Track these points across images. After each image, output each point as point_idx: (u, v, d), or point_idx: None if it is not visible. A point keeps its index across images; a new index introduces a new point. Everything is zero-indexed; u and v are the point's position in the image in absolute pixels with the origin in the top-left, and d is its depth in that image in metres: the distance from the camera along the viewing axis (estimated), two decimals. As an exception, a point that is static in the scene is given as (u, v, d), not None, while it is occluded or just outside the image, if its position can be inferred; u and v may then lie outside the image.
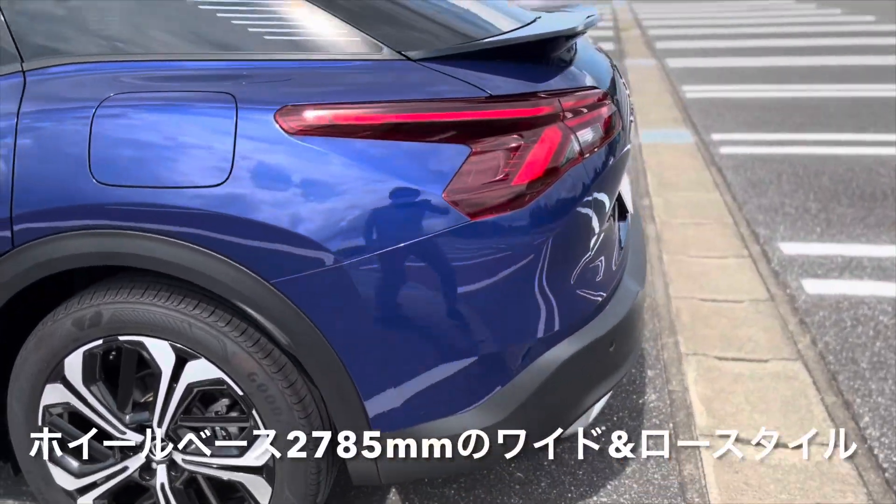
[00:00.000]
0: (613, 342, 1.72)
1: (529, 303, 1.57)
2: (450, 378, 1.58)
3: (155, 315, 1.58)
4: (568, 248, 1.60)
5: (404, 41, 1.58)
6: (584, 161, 1.62)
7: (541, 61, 1.70)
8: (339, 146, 1.48)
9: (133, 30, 1.62)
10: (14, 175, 1.55)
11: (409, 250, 1.48)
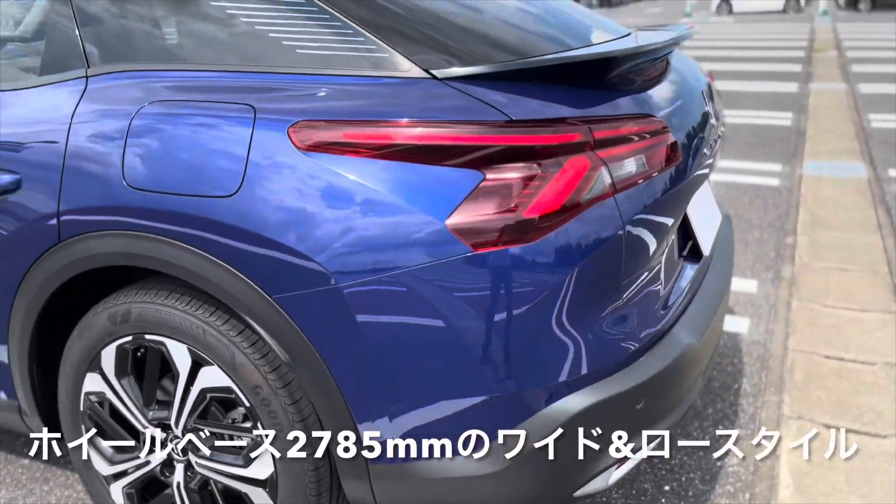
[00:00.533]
0: (643, 399, 1.54)
1: (533, 346, 1.44)
2: (445, 419, 1.49)
3: (175, 318, 1.62)
4: (585, 293, 1.46)
5: (435, 59, 1.51)
6: (616, 196, 1.47)
7: (588, 84, 1.56)
8: (347, 164, 1.44)
9: (178, 42, 1.67)
10: (63, 173, 1.65)
11: (405, 277, 1.41)
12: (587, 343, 1.49)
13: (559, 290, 1.43)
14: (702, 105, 1.93)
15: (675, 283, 1.78)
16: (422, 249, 1.40)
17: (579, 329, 1.48)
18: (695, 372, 1.72)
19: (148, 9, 1.71)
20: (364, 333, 1.46)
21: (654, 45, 1.67)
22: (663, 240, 1.65)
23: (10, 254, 1.75)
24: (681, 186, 1.69)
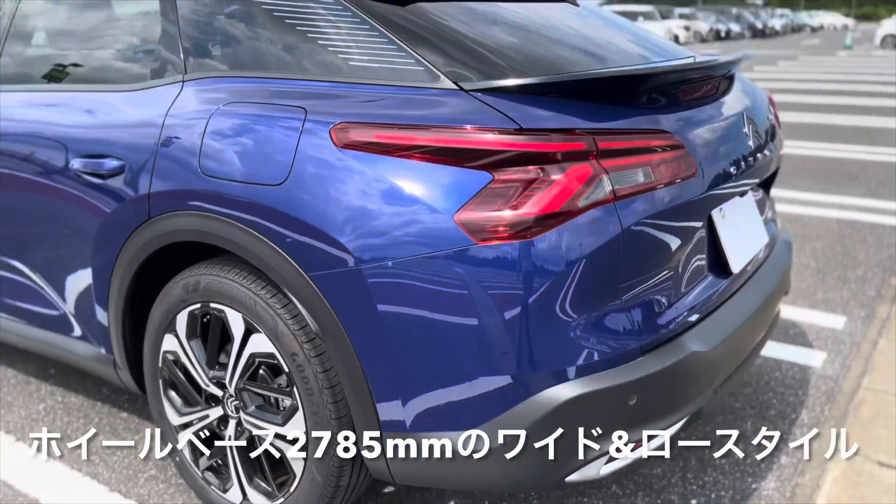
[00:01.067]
0: (634, 395, 1.63)
1: (527, 335, 1.58)
2: (451, 395, 1.65)
3: (233, 289, 1.87)
4: (580, 290, 1.57)
5: (463, 72, 1.69)
6: (617, 203, 1.59)
7: (604, 99, 1.69)
8: (375, 161, 1.64)
9: (254, 54, 1.94)
10: (155, 162, 1.96)
11: (414, 264, 1.59)
12: (581, 337, 1.60)
13: (554, 284, 1.56)
14: (740, 127, 1.99)
15: (691, 293, 1.85)
16: (431, 240, 1.58)
17: (574, 323, 1.59)
18: (701, 380, 1.78)
19: (233, 27, 2.00)
20: (379, 312, 1.65)
21: (671, 67, 1.77)
22: (672, 249, 1.74)
23: (112, 228, 2.08)
24: (697, 201, 1.76)
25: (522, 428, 1.61)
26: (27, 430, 2.61)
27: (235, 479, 2.02)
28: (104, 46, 2.34)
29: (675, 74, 1.86)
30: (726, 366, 1.92)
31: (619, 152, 1.62)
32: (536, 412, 1.60)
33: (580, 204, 1.56)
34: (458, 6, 1.96)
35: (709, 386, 1.82)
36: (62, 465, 2.40)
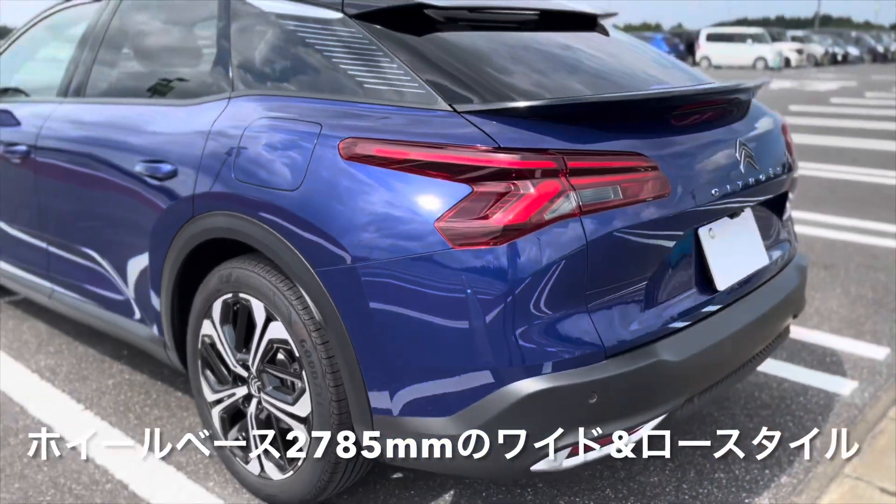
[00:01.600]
0: (594, 394, 1.77)
1: (496, 332, 1.74)
2: (430, 385, 1.83)
3: (257, 281, 2.13)
4: (545, 294, 1.73)
5: (458, 96, 1.89)
6: (583, 217, 1.74)
7: (586, 122, 1.85)
8: (374, 173, 1.86)
9: (287, 76, 2.20)
10: (199, 167, 2.24)
11: (398, 264, 1.80)
12: (547, 337, 1.76)
13: (519, 288, 1.72)
14: (731, 151, 2.10)
15: (669, 305, 1.97)
16: (414, 243, 1.78)
17: (539, 324, 1.75)
18: (667, 387, 1.90)
19: (273, 52, 2.27)
20: (369, 305, 1.86)
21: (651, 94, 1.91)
22: (643, 263, 1.87)
23: (165, 224, 2.38)
24: (671, 219, 1.89)
25: (490, 417, 1.77)
26: (95, 400, 2.95)
27: (255, 453, 2.27)
28: (170, 67, 2.68)
29: (657, 101, 1.99)
30: (702, 377, 2.02)
31: (588, 171, 1.77)
32: (503, 403, 1.76)
33: (547, 216, 1.72)
34: (471, 35, 2.16)
35: (678, 394, 1.93)
36: (119, 433, 2.72)
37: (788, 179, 2.46)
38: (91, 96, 2.90)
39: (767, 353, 2.40)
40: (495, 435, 1.79)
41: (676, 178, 1.92)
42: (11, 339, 3.56)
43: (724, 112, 2.21)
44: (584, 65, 2.24)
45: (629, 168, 1.83)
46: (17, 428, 2.76)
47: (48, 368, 3.24)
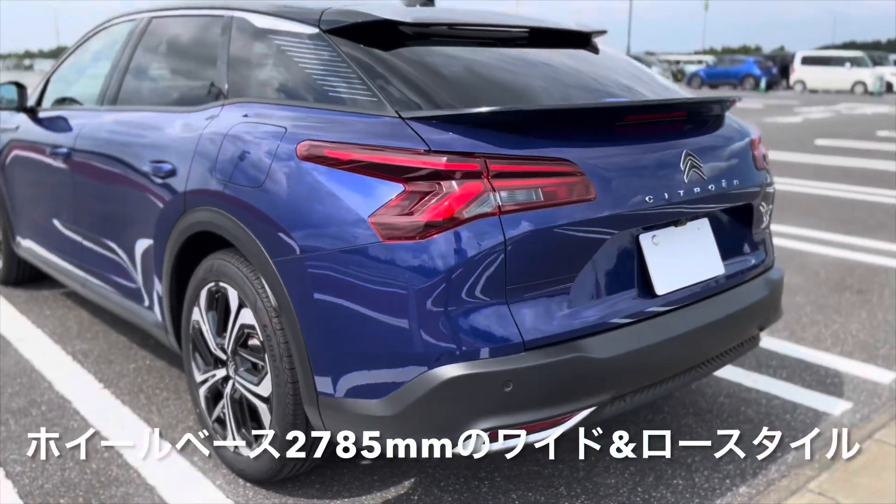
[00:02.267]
0: (510, 383, 1.88)
1: (419, 321, 1.88)
2: (364, 369, 1.99)
3: (232, 271, 2.33)
4: (465, 287, 1.86)
5: (406, 104, 2.06)
6: (502, 216, 1.86)
7: (516, 129, 1.98)
8: (323, 172, 2.04)
9: (265, 86, 2.42)
10: (191, 167, 2.48)
11: (337, 254, 1.96)
12: (467, 327, 1.88)
13: (440, 280, 1.86)
14: (675, 162, 2.17)
15: (603, 305, 2.05)
16: (351, 236, 1.94)
17: (459, 315, 1.88)
18: (588, 382, 1.97)
19: (261, 64, 2.50)
20: (314, 294, 2.03)
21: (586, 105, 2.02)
22: (567, 263, 1.96)
23: (165, 218, 2.63)
24: (598, 222, 1.98)
25: (414, 399, 1.91)
26: (114, 381, 3.23)
27: (230, 429, 2.47)
28: (182, 78, 2.95)
29: (586, 111, 2.10)
30: (633, 377, 2.08)
31: (510, 174, 1.90)
32: (425, 387, 1.89)
33: (467, 214, 1.85)
34: (429, 50, 2.32)
35: (602, 390, 2.01)
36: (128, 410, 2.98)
37: (753, 192, 2.49)
38: (120, 104, 3.21)
39: (725, 360, 2.44)
40: (419, 417, 1.92)
41: (604, 184, 2.01)
42: (56, 325, 3.91)
43: (673, 124, 2.28)
44: (542, 78, 2.36)
45: (552, 172, 1.94)
46: (40, 401, 3.05)
47: (81, 352, 3.56)
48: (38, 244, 3.92)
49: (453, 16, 2.53)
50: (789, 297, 4.44)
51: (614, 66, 2.72)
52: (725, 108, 2.53)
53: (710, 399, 3.13)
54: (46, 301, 4.28)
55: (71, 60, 3.94)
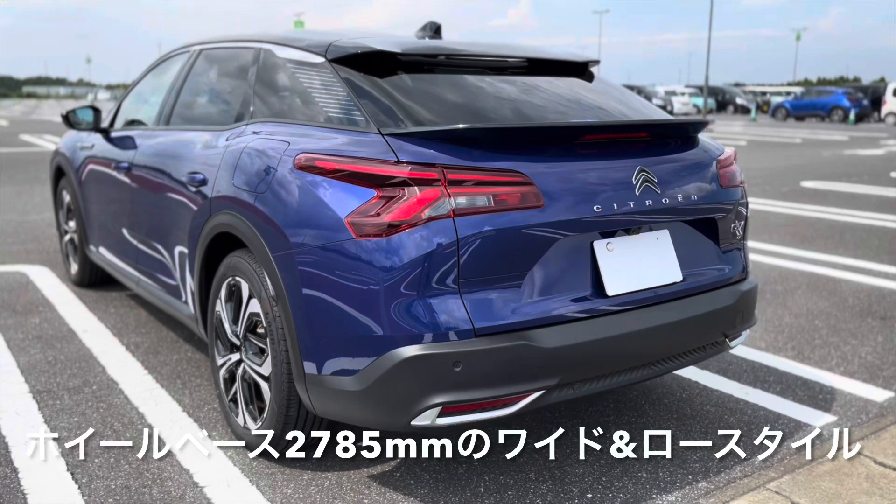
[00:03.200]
0: (459, 363, 2.15)
1: (384, 307, 2.18)
2: (341, 348, 2.29)
3: (245, 266, 2.69)
4: (422, 279, 2.14)
5: (386, 123, 2.38)
6: (455, 219, 2.15)
7: (475, 143, 2.27)
8: (314, 179, 2.38)
9: (277, 107, 2.80)
10: (216, 176, 2.87)
11: (319, 250, 2.29)
12: (424, 314, 2.17)
13: (401, 272, 2.15)
14: (628, 177, 2.41)
15: (553, 301, 2.30)
16: (330, 234, 2.27)
17: (417, 303, 2.17)
18: (533, 368, 2.21)
19: (278, 88, 2.89)
20: (301, 284, 2.36)
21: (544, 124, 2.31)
22: (516, 262, 2.23)
23: (197, 221, 3.03)
24: (545, 226, 2.24)
25: (378, 376, 2.20)
26: (157, 368, 3.65)
27: (241, 406, 2.82)
28: (220, 101, 3.38)
29: (547, 130, 2.37)
30: (579, 367, 2.31)
31: (465, 182, 2.19)
32: (387, 365, 2.19)
33: (425, 216, 2.15)
34: (417, 76, 2.64)
35: (547, 376, 2.24)
36: (164, 392, 3.38)
37: (716, 208, 2.69)
38: (172, 125, 3.67)
39: (685, 361, 2.62)
40: (383, 391, 2.22)
41: (554, 193, 2.27)
42: (117, 320, 4.39)
43: (631, 143, 2.52)
44: (517, 101, 2.65)
45: (503, 182, 2.22)
46: (92, 382, 3.49)
47: (134, 344, 4.00)
48: (105, 249, 4.43)
49: (448, 47, 2.86)
50: (808, 320, 4.53)
51: (599, 92, 2.98)
52: (695, 129, 2.75)
53: (696, 407, 3.29)
54: (112, 301, 4.78)
55: (140, 87, 4.47)
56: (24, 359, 3.76)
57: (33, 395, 3.32)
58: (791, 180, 11.98)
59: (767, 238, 7.13)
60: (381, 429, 2.48)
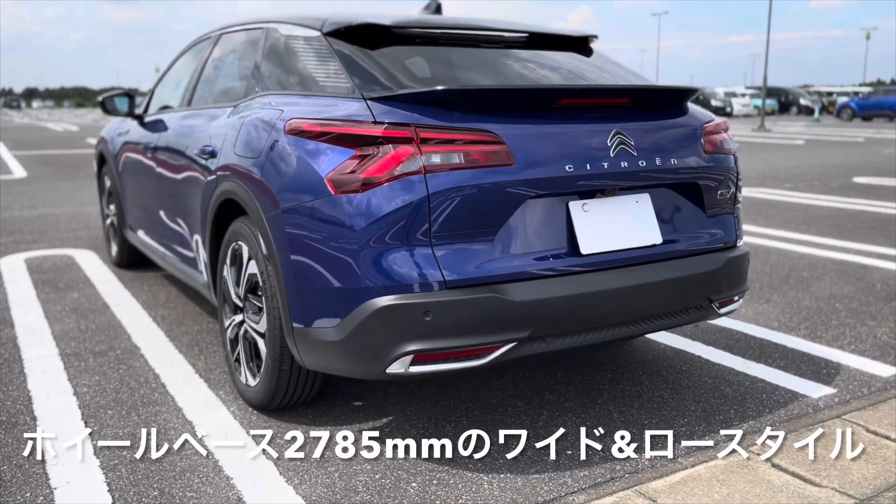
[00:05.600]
0: (429, 313, 2.24)
1: (361, 258, 2.29)
2: (323, 301, 2.42)
3: (244, 230, 2.84)
4: (396, 231, 2.25)
5: (369, 88, 2.50)
6: (426, 175, 2.25)
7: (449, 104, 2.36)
8: (301, 143, 2.51)
9: (278, 80, 2.95)
10: (223, 146, 3.04)
11: (303, 207, 2.42)
12: (398, 265, 2.27)
13: (375, 226, 2.27)
14: (603, 140, 2.47)
15: (526, 257, 2.37)
16: (313, 191, 2.40)
17: (392, 254, 2.28)
18: (502, 319, 2.29)
19: (280, 63, 3.04)
20: (287, 242, 2.49)
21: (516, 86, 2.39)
22: (487, 217, 2.31)
23: (207, 192, 3.20)
24: (515, 184, 2.32)
25: (355, 325, 2.32)
26: (179, 337, 3.84)
27: (243, 365, 2.97)
28: (234, 79, 3.56)
29: (520, 92, 2.45)
30: (550, 321, 2.37)
31: (436, 141, 2.28)
32: (362, 314, 2.30)
33: (397, 172, 2.26)
34: (404, 48, 2.76)
35: (517, 328, 2.31)
36: (181, 357, 3.56)
37: (698, 174, 2.72)
38: (194, 105, 3.87)
39: (666, 323, 2.66)
40: (360, 340, 2.33)
41: (525, 153, 2.35)
42: (148, 296, 4.63)
43: (609, 108, 2.58)
44: (500, 69, 2.74)
45: (474, 141, 2.31)
46: (117, 347, 3.71)
47: (160, 316, 4.22)
48: (138, 228, 4.67)
49: (440, 21, 2.96)
50: (828, 303, 4.46)
51: (594, 65, 3.04)
52: (680, 97, 2.79)
53: (694, 378, 3.30)
54: (147, 280, 5.03)
55: (170, 72, 4.71)
56: (58, 327, 4.01)
57: (62, 358, 3.54)
58: (844, 176, 11.68)
59: (805, 229, 7.00)
60: (360, 377, 2.58)
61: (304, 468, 2.50)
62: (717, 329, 3.96)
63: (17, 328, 4.00)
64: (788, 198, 9.28)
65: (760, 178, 11.44)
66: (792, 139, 21.86)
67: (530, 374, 3.32)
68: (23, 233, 6.81)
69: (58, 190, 10.05)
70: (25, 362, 3.48)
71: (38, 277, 5.09)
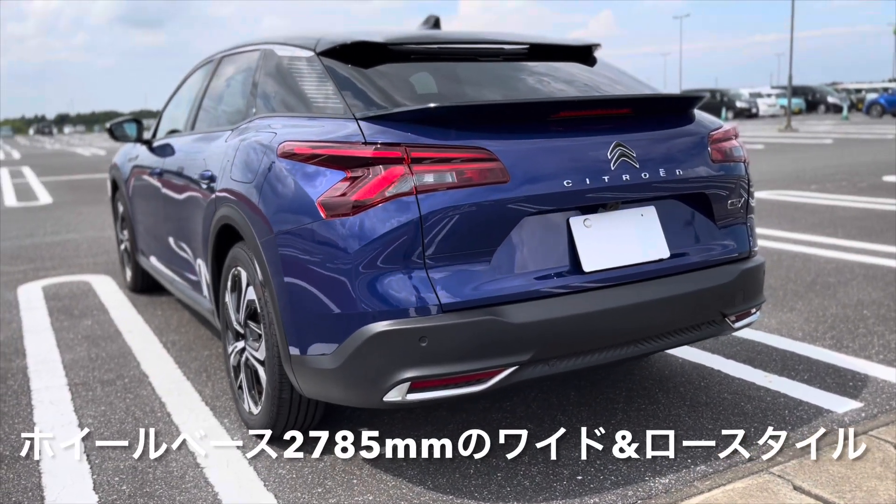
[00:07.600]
0: (425, 339, 2.16)
1: (354, 283, 2.22)
2: (318, 327, 2.35)
3: (242, 256, 2.79)
4: (389, 254, 2.17)
5: (361, 108, 2.44)
6: (418, 196, 2.18)
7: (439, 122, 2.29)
8: (293, 165, 2.45)
9: (272, 104, 2.90)
10: (221, 171, 3.00)
11: (295, 231, 2.36)
12: (392, 290, 2.20)
13: (367, 249, 2.19)
14: (603, 153, 2.38)
15: (525, 277, 2.28)
16: (304, 215, 2.34)
17: (387, 277, 2.20)
18: (500, 343, 2.20)
19: (274, 87, 3.00)
20: (281, 267, 2.43)
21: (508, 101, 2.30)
22: (484, 236, 2.22)
23: (207, 217, 3.16)
24: (512, 202, 2.24)
25: (350, 353, 2.24)
26: (188, 363, 3.80)
27: (245, 392, 2.91)
28: (233, 103, 3.52)
29: (513, 106, 2.36)
30: (553, 342, 2.27)
31: (428, 160, 2.21)
32: (357, 341, 2.22)
33: (388, 194, 2.19)
34: (395, 66, 2.69)
35: (518, 351, 2.22)
36: (188, 384, 3.52)
37: (706, 184, 2.61)
38: (196, 129, 3.85)
39: (678, 340, 2.55)
40: (356, 367, 2.26)
41: (520, 169, 2.26)
42: (159, 321, 4.61)
43: (608, 119, 2.49)
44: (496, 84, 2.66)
45: (467, 159, 2.23)
46: (126, 375, 3.68)
47: (171, 342, 4.19)
48: (149, 253, 4.66)
49: (437, 36, 2.90)
50: (855, 310, 4.30)
51: (597, 74, 2.95)
52: (684, 105, 2.69)
53: (713, 395, 3.18)
54: (160, 304, 5.02)
55: (177, 96, 4.70)
56: (69, 356, 3.99)
57: (70, 388, 3.52)
58: (873, 175, 11.40)
59: (831, 232, 6.81)
60: (358, 405, 2.51)
61: (303, 468, 2.43)
62: (738, 341, 3.82)
63: (29, 357, 3.99)
64: (815, 199, 9.06)
65: (786, 180, 11.21)
66: (820, 138, 21.46)
67: (542, 393, 3.22)
68: (43, 259, 6.87)
69: (81, 215, 10.16)
70: (34, 393, 3.46)
71: (53, 305, 5.10)
